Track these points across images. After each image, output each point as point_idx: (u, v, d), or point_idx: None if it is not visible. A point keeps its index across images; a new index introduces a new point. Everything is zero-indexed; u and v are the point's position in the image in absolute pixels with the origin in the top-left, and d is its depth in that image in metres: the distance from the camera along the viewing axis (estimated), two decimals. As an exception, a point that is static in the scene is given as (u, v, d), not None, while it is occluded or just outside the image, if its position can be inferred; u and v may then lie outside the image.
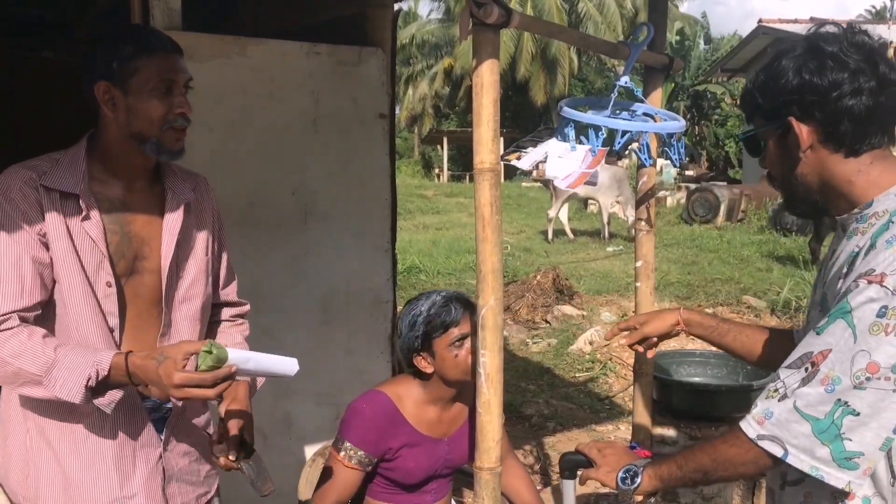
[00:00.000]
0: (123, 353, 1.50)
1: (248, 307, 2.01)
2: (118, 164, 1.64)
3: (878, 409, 1.21)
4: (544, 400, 5.31)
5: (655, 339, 1.92)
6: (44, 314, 1.58)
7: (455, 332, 1.94)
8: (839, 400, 1.22)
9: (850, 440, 1.23)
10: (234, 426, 1.67)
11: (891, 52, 1.42)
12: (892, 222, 1.24)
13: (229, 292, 1.95)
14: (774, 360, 1.59)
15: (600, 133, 1.85)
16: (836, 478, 1.25)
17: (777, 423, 1.28)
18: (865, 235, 1.28)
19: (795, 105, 1.32)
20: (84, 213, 1.58)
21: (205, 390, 1.44)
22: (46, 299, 1.57)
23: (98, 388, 1.49)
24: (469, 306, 1.99)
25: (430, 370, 1.99)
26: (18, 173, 1.56)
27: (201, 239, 1.79)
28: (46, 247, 1.55)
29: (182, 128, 1.64)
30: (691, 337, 1.89)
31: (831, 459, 1.24)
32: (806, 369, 1.26)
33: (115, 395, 1.53)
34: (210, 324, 1.90)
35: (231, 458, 1.62)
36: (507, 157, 24.40)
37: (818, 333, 1.27)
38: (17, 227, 1.52)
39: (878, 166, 1.33)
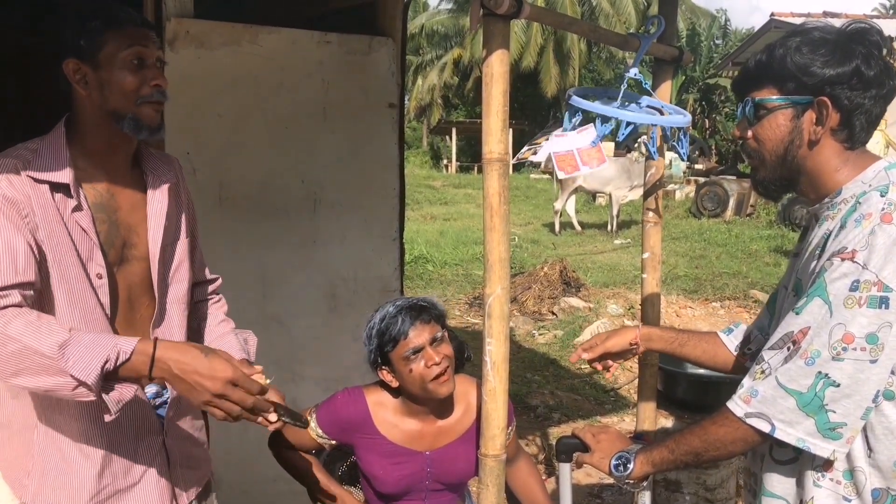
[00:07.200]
0: (151, 340, 1.40)
1: (220, 281, 1.97)
2: (99, 148, 1.59)
3: (857, 381, 1.27)
4: (549, 391, 5.32)
5: (611, 363, 1.94)
6: (39, 306, 1.48)
7: (406, 345, 1.82)
8: (820, 372, 1.28)
9: (834, 412, 1.28)
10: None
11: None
12: (860, 203, 1.31)
13: (205, 271, 1.93)
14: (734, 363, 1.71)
15: (609, 123, 1.85)
16: (821, 448, 1.31)
17: (763, 400, 1.34)
18: (835, 219, 1.35)
19: (839, 87, 1.33)
20: (76, 204, 1.52)
21: (245, 396, 1.37)
22: (39, 284, 1.47)
23: (110, 377, 1.35)
24: (424, 314, 1.85)
25: (395, 384, 1.89)
26: (3, 164, 1.48)
27: (183, 221, 1.76)
28: (36, 241, 1.47)
29: (159, 102, 1.58)
30: (651, 350, 1.94)
31: (816, 430, 1.30)
32: (788, 348, 1.32)
33: (124, 393, 1.40)
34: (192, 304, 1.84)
35: (273, 419, 1.53)
36: (522, 156, 24.34)
37: (797, 313, 1.32)
38: (5, 214, 1.45)
39: (857, 159, 1.39)
